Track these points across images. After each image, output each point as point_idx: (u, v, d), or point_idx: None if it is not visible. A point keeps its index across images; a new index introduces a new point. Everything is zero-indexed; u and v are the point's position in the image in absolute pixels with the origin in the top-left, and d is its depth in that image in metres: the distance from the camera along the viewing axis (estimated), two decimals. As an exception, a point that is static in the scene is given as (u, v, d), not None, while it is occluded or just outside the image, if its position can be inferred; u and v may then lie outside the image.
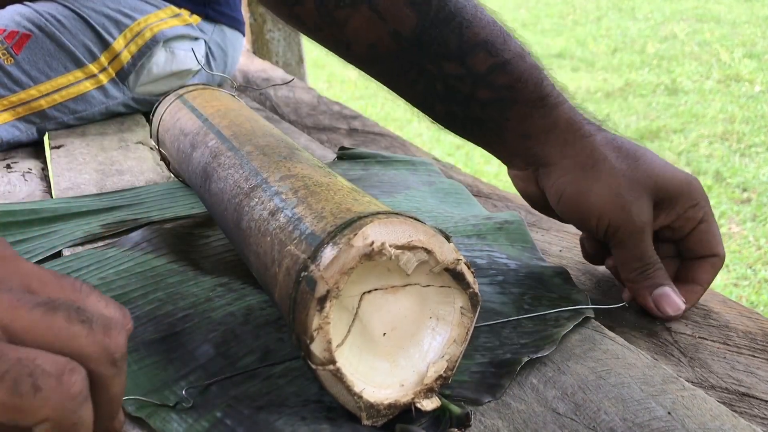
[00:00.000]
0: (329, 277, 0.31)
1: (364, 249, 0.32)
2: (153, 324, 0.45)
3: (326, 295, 0.31)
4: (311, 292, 0.32)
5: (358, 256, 0.32)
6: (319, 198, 0.37)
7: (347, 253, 0.32)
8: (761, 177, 2.29)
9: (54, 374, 0.24)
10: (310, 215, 0.36)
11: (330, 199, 0.37)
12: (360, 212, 0.34)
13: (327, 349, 0.32)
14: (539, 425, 0.35)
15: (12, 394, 0.23)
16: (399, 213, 0.34)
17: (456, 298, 0.36)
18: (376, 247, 0.32)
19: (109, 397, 0.27)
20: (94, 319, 0.26)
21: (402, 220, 0.33)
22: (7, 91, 0.87)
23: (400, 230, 0.33)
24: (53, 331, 0.25)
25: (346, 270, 0.32)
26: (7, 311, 0.25)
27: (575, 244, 0.59)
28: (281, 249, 0.36)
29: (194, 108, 0.58)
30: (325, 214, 0.35)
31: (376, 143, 0.92)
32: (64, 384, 0.24)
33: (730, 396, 0.40)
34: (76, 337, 0.26)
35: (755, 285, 1.74)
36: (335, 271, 0.31)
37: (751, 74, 3.50)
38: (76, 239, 0.59)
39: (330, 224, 0.34)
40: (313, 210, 0.36)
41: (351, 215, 0.34)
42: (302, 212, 0.37)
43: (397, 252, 0.33)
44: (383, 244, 0.32)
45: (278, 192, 0.40)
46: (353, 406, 0.34)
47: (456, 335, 0.36)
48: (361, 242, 0.32)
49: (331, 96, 1.30)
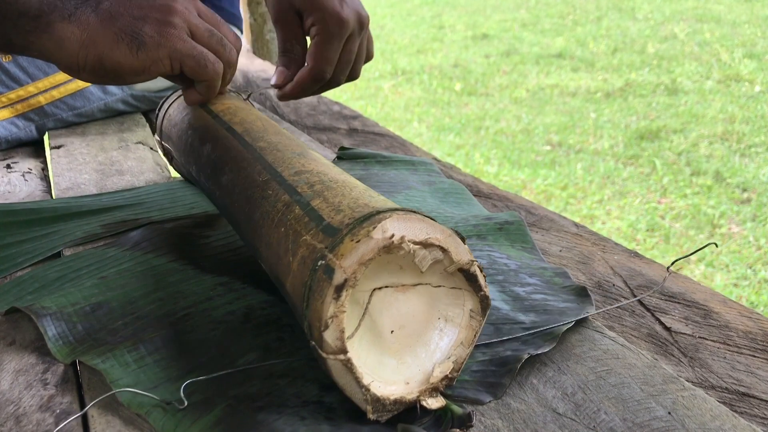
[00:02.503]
0: (347, 266, 0.32)
1: (383, 241, 0.32)
2: (153, 323, 0.45)
3: (344, 284, 0.32)
4: (328, 280, 0.32)
5: (377, 248, 0.32)
6: (336, 193, 0.38)
7: (366, 245, 0.32)
8: (761, 177, 2.29)
9: (212, 61, 0.53)
10: (327, 208, 0.36)
11: (347, 195, 0.37)
12: (378, 207, 0.34)
13: (339, 338, 0.32)
14: (539, 425, 0.35)
15: (198, 64, 0.52)
16: (417, 211, 0.34)
17: (466, 301, 0.36)
18: (396, 240, 0.32)
19: (226, 81, 0.57)
20: (227, 44, 0.55)
21: (420, 218, 0.34)
22: (5, 88, 0.87)
23: (418, 227, 0.33)
24: (211, 46, 0.54)
25: (364, 261, 0.32)
26: (192, 26, 0.53)
27: (575, 244, 0.59)
28: (296, 239, 0.36)
29: (203, 104, 0.59)
30: (342, 208, 0.35)
31: (376, 143, 0.92)
32: (216, 67, 0.53)
33: (730, 396, 0.40)
34: (219, 53, 0.54)
35: (755, 285, 1.74)
36: (354, 261, 0.32)
37: (751, 74, 3.50)
38: (77, 239, 0.59)
39: (348, 217, 0.34)
40: (329, 203, 0.37)
41: (369, 209, 0.34)
42: (319, 205, 0.37)
43: (415, 247, 0.33)
44: (402, 238, 0.32)
45: (294, 186, 0.40)
46: (360, 398, 0.34)
47: (464, 338, 0.36)
48: (381, 235, 0.32)
49: (331, 96, 1.30)
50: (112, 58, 0.50)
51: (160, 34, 0.50)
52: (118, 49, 0.50)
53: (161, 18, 0.51)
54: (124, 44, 0.50)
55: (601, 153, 2.62)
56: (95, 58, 0.50)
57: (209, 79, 0.54)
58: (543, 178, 2.42)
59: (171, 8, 0.52)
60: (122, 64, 0.50)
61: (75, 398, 0.39)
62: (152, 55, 0.50)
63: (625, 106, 3.19)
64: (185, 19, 0.52)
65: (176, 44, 0.51)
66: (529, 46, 4.52)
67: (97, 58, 0.50)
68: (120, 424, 0.36)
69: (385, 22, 5.81)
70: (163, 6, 0.52)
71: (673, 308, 0.49)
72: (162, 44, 0.50)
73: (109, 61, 0.50)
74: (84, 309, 0.46)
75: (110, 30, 0.50)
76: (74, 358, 0.42)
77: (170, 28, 0.51)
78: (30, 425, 0.37)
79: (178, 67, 0.52)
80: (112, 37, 0.50)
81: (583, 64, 3.98)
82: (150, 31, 0.50)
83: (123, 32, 0.50)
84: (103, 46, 0.50)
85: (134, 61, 0.50)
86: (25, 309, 0.46)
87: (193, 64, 0.52)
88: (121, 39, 0.50)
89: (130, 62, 0.50)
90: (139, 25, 0.50)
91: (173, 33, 0.51)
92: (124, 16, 0.50)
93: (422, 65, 4.29)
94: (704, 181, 2.30)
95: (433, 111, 3.36)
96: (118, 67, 0.50)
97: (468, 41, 4.85)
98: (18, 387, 0.40)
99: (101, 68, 0.51)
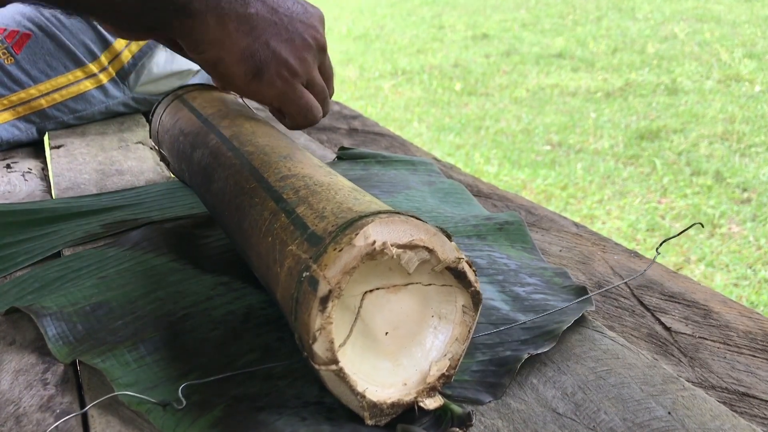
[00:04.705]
0: (331, 276, 0.31)
1: (365, 248, 0.32)
2: (153, 322, 0.45)
3: (328, 295, 0.31)
4: (313, 292, 0.32)
5: (359, 255, 0.32)
6: (320, 198, 0.37)
7: (349, 253, 0.32)
8: (761, 177, 2.29)
9: (314, 114, 0.56)
10: (312, 215, 0.36)
11: (331, 199, 0.37)
12: (361, 212, 0.34)
13: (329, 349, 0.32)
14: (539, 425, 0.35)
15: (299, 114, 0.56)
16: (400, 212, 0.34)
17: (458, 297, 0.36)
18: (378, 246, 0.32)
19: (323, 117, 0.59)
20: (329, 101, 0.58)
21: (403, 219, 0.33)
22: (7, 90, 0.87)
23: (402, 229, 0.33)
24: (318, 101, 0.57)
25: (348, 270, 0.32)
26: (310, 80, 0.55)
27: (575, 244, 0.59)
28: (283, 249, 0.36)
29: (194, 108, 0.58)
30: (326, 214, 0.35)
31: (376, 143, 0.92)
32: (314, 119, 0.56)
33: (730, 396, 0.40)
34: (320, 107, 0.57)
35: (755, 285, 1.74)
36: (337, 271, 0.31)
37: (751, 74, 3.50)
38: (77, 239, 0.59)
39: (331, 224, 0.34)
40: (314, 210, 0.36)
41: (352, 215, 0.34)
42: (303, 212, 0.37)
43: (398, 251, 0.32)
44: (385, 243, 0.32)
45: (279, 192, 0.40)
46: (356, 405, 0.34)
47: (458, 334, 0.36)
48: (363, 242, 0.32)
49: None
50: (227, 69, 0.52)
51: (279, 77, 0.53)
52: (237, 66, 0.52)
53: (289, 59, 0.53)
54: (243, 65, 0.51)
55: (601, 153, 2.62)
56: (215, 57, 0.52)
57: (302, 126, 0.57)
58: (543, 178, 2.42)
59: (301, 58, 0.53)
60: (232, 79, 0.53)
61: (75, 398, 0.39)
62: (263, 90, 0.53)
63: (625, 106, 3.19)
64: (308, 71, 0.54)
65: (288, 92, 0.53)
66: (529, 46, 4.51)
67: (216, 59, 0.52)
68: (120, 424, 0.36)
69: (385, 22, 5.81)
70: (301, 45, 0.53)
71: (673, 308, 0.49)
72: (275, 86, 0.53)
73: (223, 68, 0.52)
74: (84, 309, 0.46)
75: (241, 42, 0.51)
76: (74, 357, 0.42)
77: (290, 75, 0.53)
78: (30, 425, 0.37)
79: (278, 106, 0.54)
80: (239, 51, 0.51)
81: (583, 64, 3.97)
82: (273, 69, 0.52)
83: (250, 52, 0.51)
84: (226, 53, 0.51)
85: (242, 83, 0.52)
86: (25, 309, 0.46)
87: (294, 112, 0.55)
88: (245, 59, 0.51)
89: (239, 82, 0.53)
90: (266, 55, 0.52)
91: (290, 81, 0.53)
92: (262, 31, 0.52)
93: (422, 65, 4.29)
94: (704, 181, 2.30)
95: (433, 111, 3.36)
96: (226, 76, 0.53)
97: (468, 41, 4.85)
98: (18, 387, 0.40)
99: (213, 67, 0.52)
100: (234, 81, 0.53)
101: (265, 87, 0.53)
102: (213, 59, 0.52)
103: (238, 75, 0.52)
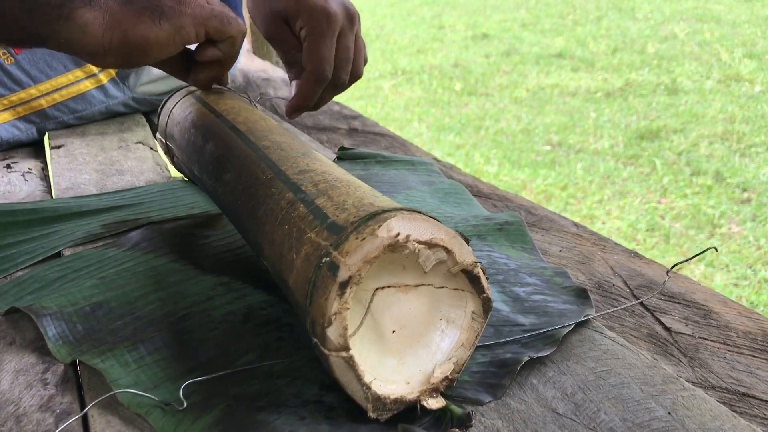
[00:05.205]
0: (352, 264, 0.32)
1: (388, 240, 0.32)
2: (153, 323, 0.45)
3: (348, 281, 0.32)
4: (333, 277, 0.32)
5: (382, 246, 0.32)
6: (340, 192, 0.38)
7: (371, 243, 0.32)
8: (761, 177, 2.29)
9: (234, 17, 0.55)
10: (332, 206, 0.36)
11: (351, 194, 0.37)
12: (384, 206, 0.34)
13: (342, 335, 0.32)
14: (539, 425, 0.35)
15: (222, 22, 0.53)
16: (421, 211, 0.34)
17: (468, 302, 0.36)
18: (401, 239, 0.32)
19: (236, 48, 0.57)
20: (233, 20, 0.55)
21: (425, 218, 0.34)
22: (7, 90, 0.87)
23: (423, 227, 0.33)
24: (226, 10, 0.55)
25: (369, 259, 0.32)
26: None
27: (575, 244, 0.59)
28: (300, 236, 0.36)
29: (207, 104, 0.59)
30: (347, 206, 0.36)
31: (376, 143, 0.92)
32: (239, 24, 0.55)
33: (730, 396, 0.40)
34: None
35: (755, 285, 1.74)
36: (359, 259, 0.32)
37: (751, 74, 3.50)
38: (77, 239, 0.59)
39: (353, 215, 0.34)
40: (334, 202, 0.37)
41: (374, 208, 0.34)
42: (323, 203, 0.37)
43: (420, 246, 0.33)
44: (408, 236, 0.32)
45: (298, 184, 0.40)
46: (361, 396, 0.34)
47: (465, 339, 0.36)
48: (386, 233, 0.32)
49: (331, 96, 1.30)
50: (137, 33, 0.51)
51: (179, 3, 0.53)
52: (142, 22, 0.51)
53: None
54: (146, 17, 0.51)
55: (601, 153, 2.62)
56: (120, 37, 0.51)
57: (235, 35, 0.55)
58: (543, 178, 2.42)
59: None
60: (147, 38, 0.51)
61: (75, 398, 0.39)
62: (175, 23, 0.52)
63: (625, 106, 3.19)
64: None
65: (196, 10, 0.53)
66: (529, 46, 4.51)
67: (122, 37, 0.51)
68: (120, 424, 0.36)
69: (385, 22, 5.81)
70: None
71: (673, 308, 0.49)
72: (183, 12, 0.52)
73: (134, 36, 0.51)
74: (84, 309, 0.46)
75: (130, 8, 0.51)
76: (74, 357, 0.42)
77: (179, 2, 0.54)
78: (30, 425, 0.37)
79: (202, 32, 0.54)
80: (133, 14, 0.51)
81: (583, 64, 3.97)
82: (169, 2, 0.52)
83: (143, 8, 0.51)
84: (126, 23, 0.51)
85: (159, 31, 0.51)
86: (25, 309, 0.46)
87: (217, 24, 0.54)
88: (143, 13, 0.51)
89: (155, 34, 0.51)
90: (157, 0, 0.53)
91: (191, 1, 0.53)
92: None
93: (422, 65, 4.29)
94: (704, 181, 2.30)
95: (433, 111, 3.36)
96: (144, 42, 0.51)
97: (468, 41, 4.85)
98: (18, 387, 0.40)
99: (126, 47, 0.51)
100: (150, 40, 0.51)
101: (176, 18, 0.52)
102: (120, 39, 0.51)
103: (149, 29, 0.51)
